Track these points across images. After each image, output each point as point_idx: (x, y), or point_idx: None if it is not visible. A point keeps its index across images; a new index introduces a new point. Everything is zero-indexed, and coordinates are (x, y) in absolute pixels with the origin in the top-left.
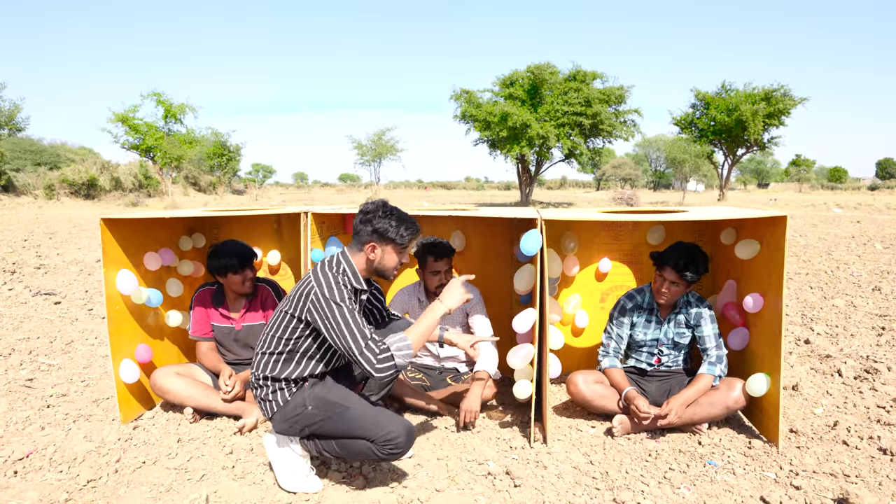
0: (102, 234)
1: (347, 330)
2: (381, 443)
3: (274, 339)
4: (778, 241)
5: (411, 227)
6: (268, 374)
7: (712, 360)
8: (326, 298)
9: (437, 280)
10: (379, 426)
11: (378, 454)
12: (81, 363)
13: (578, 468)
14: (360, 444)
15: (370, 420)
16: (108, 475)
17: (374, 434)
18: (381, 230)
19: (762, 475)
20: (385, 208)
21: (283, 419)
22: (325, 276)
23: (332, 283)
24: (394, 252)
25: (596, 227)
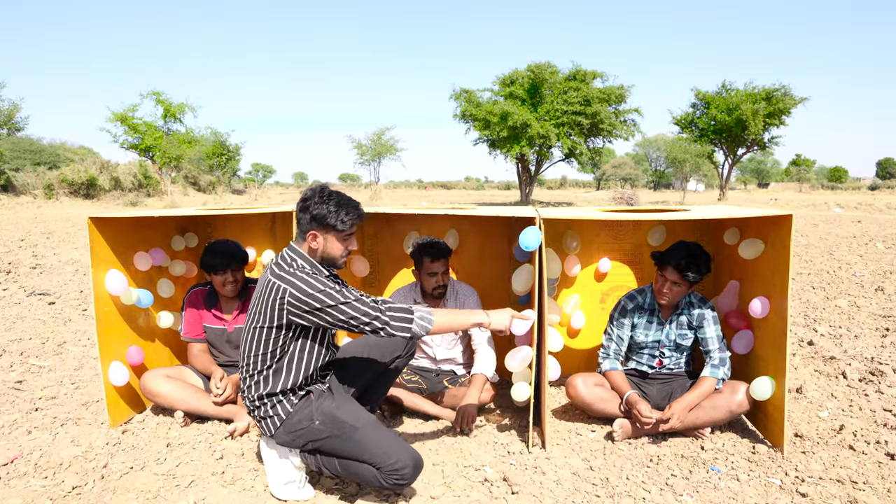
0: (91, 234)
1: (347, 301)
2: (388, 471)
3: (257, 358)
4: (783, 241)
5: (352, 212)
6: (262, 392)
7: (715, 362)
8: (309, 293)
9: (433, 281)
10: (387, 454)
11: (382, 482)
12: (73, 365)
13: (578, 474)
14: (365, 469)
15: (379, 445)
16: (94, 481)
17: (381, 461)
18: (320, 216)
19: (767, 482)
20: (322, 193)
21: (287, 431)
22: (292, 275)
23: (304, 278)
24: (336, 239)
25: (596, 227)
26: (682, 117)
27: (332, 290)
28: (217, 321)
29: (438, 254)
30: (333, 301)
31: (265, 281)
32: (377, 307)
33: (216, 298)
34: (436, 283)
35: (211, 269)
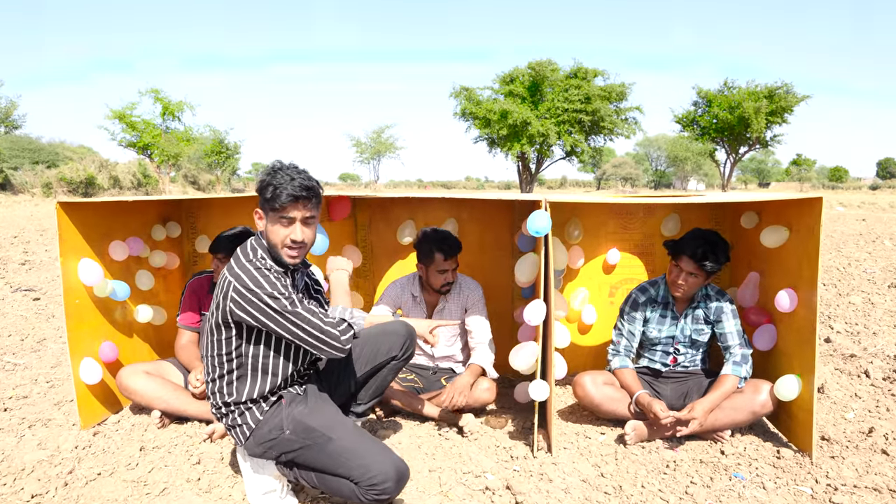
0: (59, 220)
1: (296, 312)
2: (366, 486)
3: (213, 360)
4: (811, 227)
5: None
6: (227, 400)
7: (736, 359)
8: (254, 292)
9: (443, 279)
10: (365, 467)
11: (362, 498)
12: (50, 362)
13: (588, 481)
14: (342, 484)
15: (355, 457)
16: (57, 489)
17: (358, 475)
18: (258, 189)
19: (796, 490)
20: (273, 165)
21: (257, 443)
22: (242, 267)
23: (253, 273)
24: (274, 220)
25: (604, 215)
26: (683, 115)
27: (283, 294)
28: None
29: (452, 251)
30: (282, 304)
31: (224, 271)
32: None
33: None
34: (445, 281)
35: (216, 251)
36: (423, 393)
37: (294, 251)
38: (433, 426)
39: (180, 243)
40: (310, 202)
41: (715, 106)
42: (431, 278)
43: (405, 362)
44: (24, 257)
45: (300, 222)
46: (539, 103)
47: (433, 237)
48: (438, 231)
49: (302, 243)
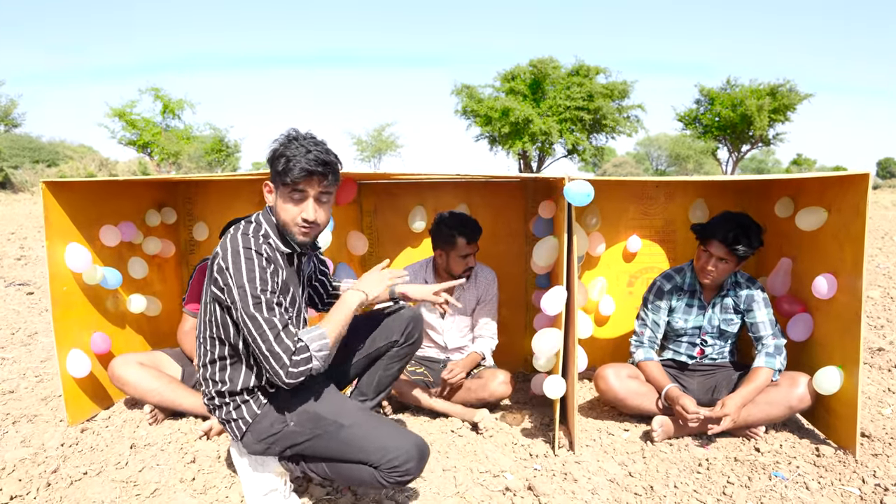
0: (45, 201)
1: (255, 316)
2: (388, 469)
3: (206, 341)
4: (856, 206)
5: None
6: (221, 389)
7: (770, 350)
8: (229, 272)
9: (465, 263)
10: (384, 449)
11: (383, 481)
12: (40, 356)
13: (616, 481)
14: (360, 470)
15: (373, 439)
16: (38, 490)
17: (377, 458)
18: (270, 159)
19: (843, 490)
20: (290, 134)
21: (256, 439)
22: (233, 242)
23: (239, 253)
24: (284, 195)
25: (624, 201)
26: (685, 113)
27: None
28: None
29: (475, 234)
30: (247, 300)
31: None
32: (289, 347)
33: None
34: (467, 265)
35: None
36: (434, 387)
37: (306, 229)
38: (445, 422)
39: (176, 230)
40: (326, 178)
41: (717, 104)
42: (452, 264)
43: (409, 349)
44: (19, 252)
45: (313, 199)
46: (541, 101)
47: (454, 221)
48: (457, 214)
49: (314, 223)
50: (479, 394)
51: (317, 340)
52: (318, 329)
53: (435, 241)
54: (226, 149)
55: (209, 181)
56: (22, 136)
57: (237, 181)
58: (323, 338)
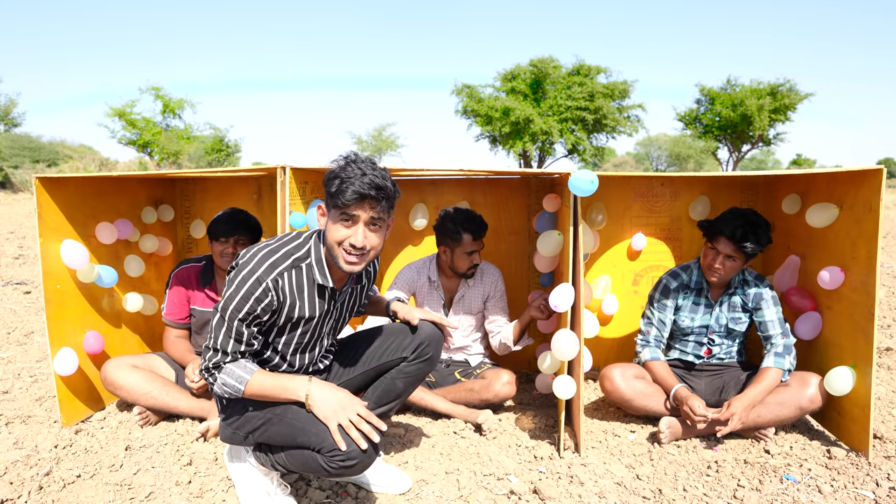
0: (38, 197)
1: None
2: (328, 454)
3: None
4: (869, 202)
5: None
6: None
7: (778, 350)
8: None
9: (470, 260)
10: (323, 434)
11: (327, 467)
12: (35, 356)
13: (623, 484)
14: (307, 457)
15: (313, 423)
16: (30, 493)
17: (317, 442)
18: (326, 183)
19: (857, 493)
20: (348, 156)
21: (226, 423)
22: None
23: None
24: (334, 218)
25: (629, 199)
26: (686, 113)
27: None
28: (209, 303)
29: (481, 231)
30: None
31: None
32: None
33: (211, 275)
34: (472, 263)
35: (213, 236)
36: (436, 388)
37: (353, 257)
38: (447, 423)
39: (174, 228)
40: (379, 203)
41: (718, 103)
42: (457, 261)
43: (419, 367)
44: (18, 252)
45: (364, 224)
46: (541, 101)
47: (459, 216)
48: (462, 210)
49: (362, 249)
50: (483, 394)
51: (231, 378)
52: (244, 373)
53: (439, 236)
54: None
55: (207, 178)
56: (22, 135)
57: (235, 178)
58: (239, 383)
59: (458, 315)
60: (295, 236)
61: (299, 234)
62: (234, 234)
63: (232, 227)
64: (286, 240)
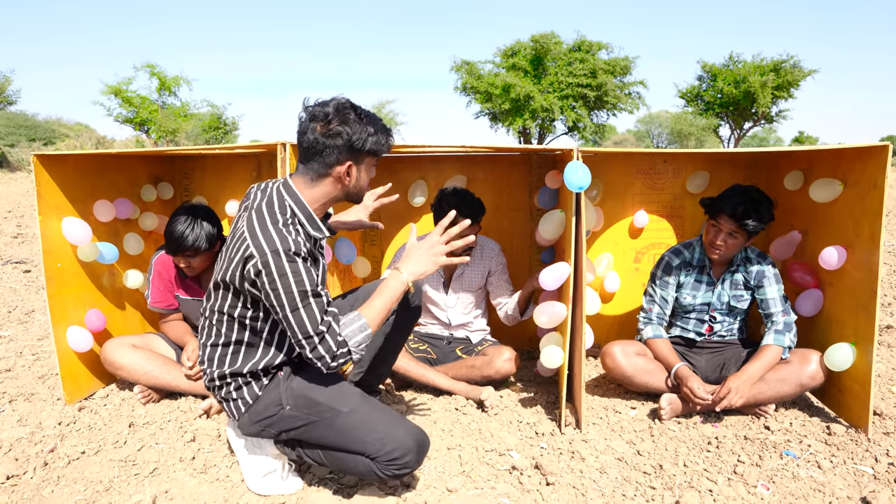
0: (37, 175)
1: (300, 312)
2: (385, 462)
3: (219, 322)
4: (874, 179)
5: (386, 129)
6: (225, 370)
7: (779, 327)
8: (275, 268)
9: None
10: (381, 441)
11: (380, 473)
12: (37, 334)
13: (624, 460)
14: (356, 460)
15: (369, 431)
16: (35, 469)
17: (374, 450)
18: (359, 142)
19: (856, 469)
20: (355, 109)
21: (252, 421)
22: (266, 233)
23: (279, 242)
24: (370, 166)
25: (630, 175)
26: (687, 90)
27: (303, 277)
28: (196, 290)
29: (478, 214)
30: (295, 302)
31: (241, 225)
32: (330, 348)
33: None
34: (466, 245)
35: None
36: (437, 365)
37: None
38: (449, 400)
39: (173, 205)
40: None
41: (720, 80)
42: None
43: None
44: (16, 230)
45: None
46: (542, 77)
47: (456, 199)
48: (459, 191)
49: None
50: (485, 371)
51: (358, 335)
52: (360, 320)
53: (437, 217)
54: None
55: (206, 155)
56: (17, 113)
57: (234, 155)
58: (364, 329)
59: (458, 293)
60: (267, 203)
61: (270, 200)
62: (180, 253)
63: (175, 247)
64: (265, 210)
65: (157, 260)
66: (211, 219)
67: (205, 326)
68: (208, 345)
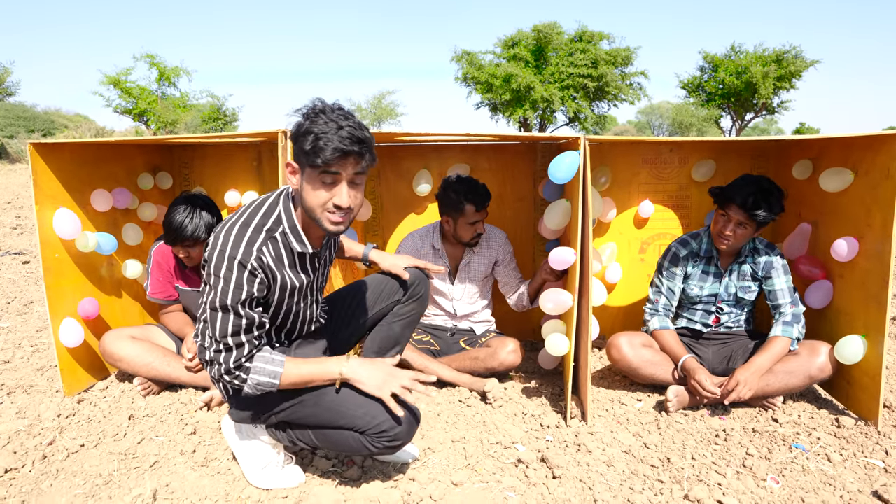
0: (33, 163)
1: (217, 314)
2: (374, 434)
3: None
4: (886, 168)
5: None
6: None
7: (787, 319)
8: (215, 266)
9: (473, 230)
10: (370, 415)
11: (371, 447)
12: (36, 325)
13: (631, 453)
14: (346, 436)
15: (357, 406)
16: (34, 462)
17: (363, 424)
18: (295, 137)
19: (867, 462)
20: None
21: (240, 404)
22: (232, 230)
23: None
24: (311, 179)
25: (636, 164)
26: (689, 81)
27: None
28: (195, 281)
29: (484, 201)
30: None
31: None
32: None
33: None
34: (475, 232)
35: (167, 239)
36: (441, 356)
37: (337, 216)
38: (453, 392)
39: (172, 195)
40: (362, 158)
41: (721, 71)
42: (460, 231)
43: (413, 307)
44: (15, 221)
45: (347, 183)
46: (543, 68)
47: (462, 186)
48: (465, 179)
49: (348, 209)
50: (488, 363)
51: (263, 377)
52: (278, 368)
53: (442, 206)
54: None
55: (206, 144)
56: (16, 105)
57: (234, 144)
58: (274, 377)
59: (464, 283)
60: (260, 204)
61: (264, 201)
62: (180, 243)
63: (174, 237)
64: (251, 210)
65: (157, 250)
66: (210, 208)
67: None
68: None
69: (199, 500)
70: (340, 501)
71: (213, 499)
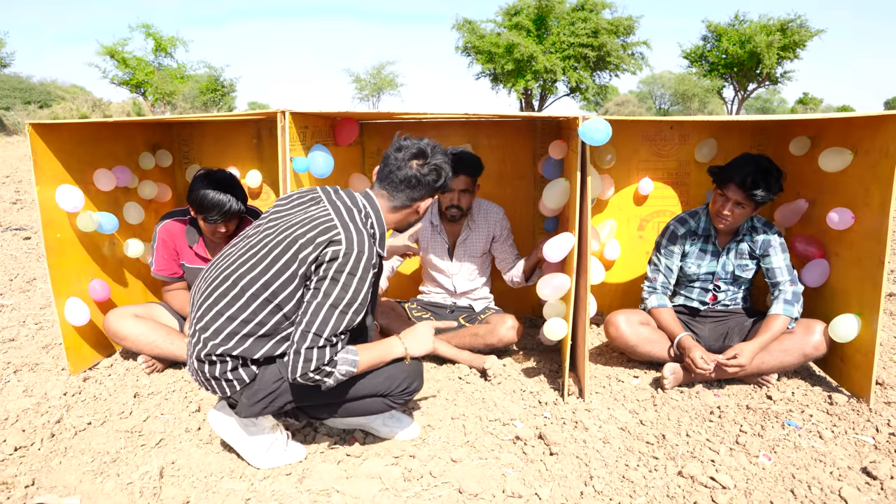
0: (33, 144)
1: (336, 311)
2: (397, 393)
3: (260, 310)
4: (886, 147)
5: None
6: (235, 353)
7: (788, 297)
8: (352, 265)
9: (447, 199)
10: (390, 378)
11: (392, 403)
12: (39, 303)
13: (627, 429)
14: (367, 402)
15: (376, 375)
16: (43, 440)
17: (387, 387)
18: (447, 182)
19: (858, 439)
20: (444, 153)
21: (252, 400)
22: (359, 232)
23: (367, 247)
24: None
25: (636, 141)
26: (692, 50)
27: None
28: (199, 260)
29: (460, 167)
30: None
31: (319, 214)
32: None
33: (198, 234)
34: (449, 202)
35: (200, 214)
36: (440, 333)
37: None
38: (452, 368)
39: (172, 173)
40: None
41: (725, 40)
42: (440, 198)
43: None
44: (15, 196)
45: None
46: (544, 37)
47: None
48: (454, 153)
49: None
50: (487, 339)
51: (346, 366)
52: (354, 356)
53: None
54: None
55: (205, 122)
56: (11, 76)
57: (233, 122)
58: (352, 365)
59: (462, 261)
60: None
61: (354, 199)
62: (227, 218)
63: (223, 214)
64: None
65: (162, 228)
66: (232, 180)
67: (234, 306)
68: (225, 315)
69: (204, 476)
70: (343, 478)
71: (218, 475)
